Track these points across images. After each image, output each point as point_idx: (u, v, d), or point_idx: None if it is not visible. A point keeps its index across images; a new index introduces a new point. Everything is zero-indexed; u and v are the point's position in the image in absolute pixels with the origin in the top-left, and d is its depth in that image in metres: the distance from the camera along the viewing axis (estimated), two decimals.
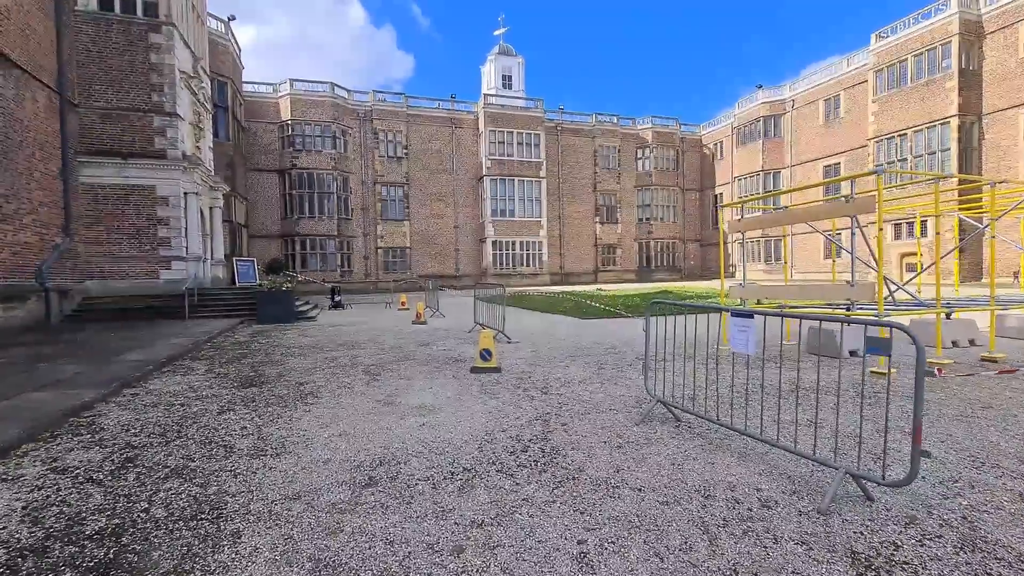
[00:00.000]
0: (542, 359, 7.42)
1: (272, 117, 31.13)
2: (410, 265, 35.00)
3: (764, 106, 35.95)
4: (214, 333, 10.48)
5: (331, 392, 5.51)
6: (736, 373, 5.87)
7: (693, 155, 43.21)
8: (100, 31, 13.98)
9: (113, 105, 14.20)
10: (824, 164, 33.25)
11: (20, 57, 11.10)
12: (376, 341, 9.69)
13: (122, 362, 6.94)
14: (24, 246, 11.12)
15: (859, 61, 30.44)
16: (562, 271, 38.83)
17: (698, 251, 43.98)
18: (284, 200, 31.41)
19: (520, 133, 35.43)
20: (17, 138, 10.99)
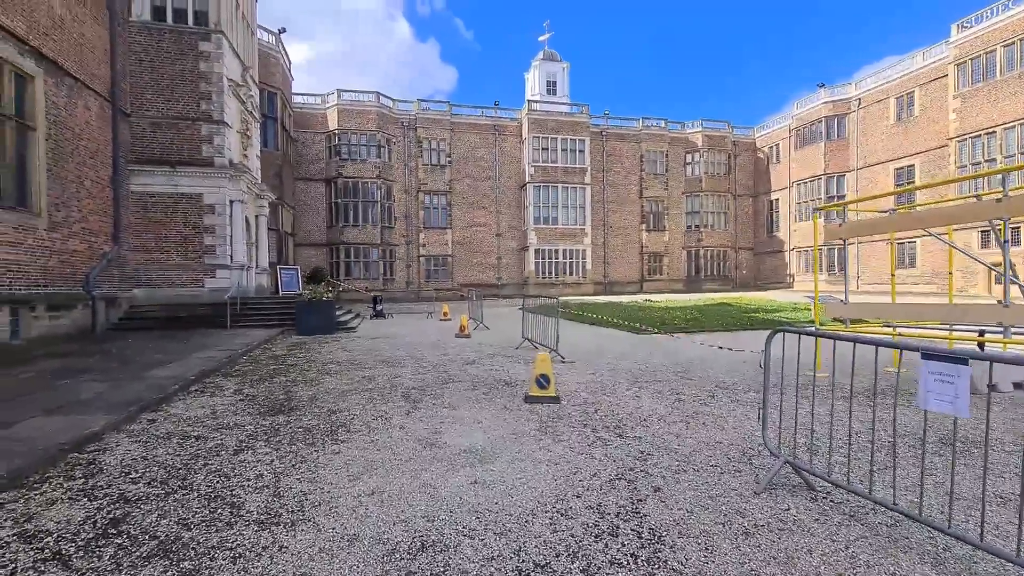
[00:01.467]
0: (604, 385, 6.45)
1: (320, 127, 31.56)
2: (452, 273, 34.60)
3: (826, 106, 33.61)
4: (252, 345, 10.06)
5: (365, 424, 4.75)
6: (858, 412, 4.73)
7: (746, 159, 41.03)
8: (152, 40, 14.13)
9: (163, 114, 14.31)
10: (895, 167, 30.62)
11: (73, 66, 11.16)
12: (417, 358, 8.97)
13: (150, 379, 6.47)
14: (72, 254, 11.11)
15: (937, 54, 27.89)
16: (606, 280, 37.49)
17: (751, 260, 41.60)
18: (330, 209, 31.70)
19: (564, 139, 34.56)
20: (68, 147, 11.03)
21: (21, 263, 9.51)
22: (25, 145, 9.81)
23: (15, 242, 9.35)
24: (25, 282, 9.62)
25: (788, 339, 10.21)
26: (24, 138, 9.78)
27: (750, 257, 41.57)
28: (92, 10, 12.07)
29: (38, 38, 9.96)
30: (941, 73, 27.28)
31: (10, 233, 9.22)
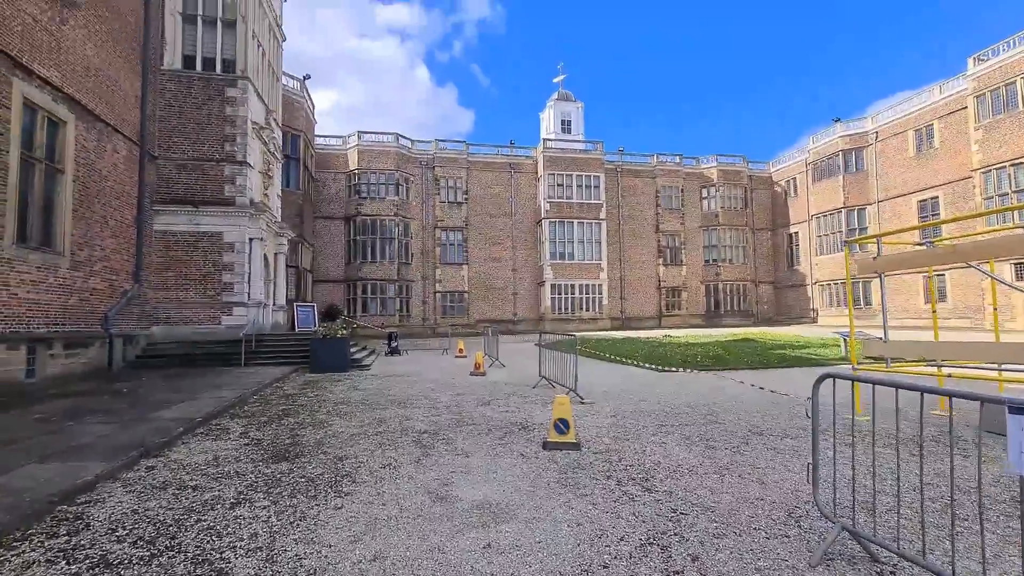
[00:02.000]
0: (628, 429, 6.06)
1: (340, 167, 32.41)
2: (468, 309, 34.47)
3: (843, 139, 33.46)
4: (264, 383, 9.89)
5: (372, 473, 4.44)
6: (909, 463, 4.27)
7: (763, 193, 40.79)
8: (182, 87, 14.71)
9: (189, 156, 14.73)
10: (918, 199, 30.02)
11: (105, 112, 11.60)
12: (431, 397, 8.67)
13: (156, 420, 6.28)
14: (93, 292, 11.23)
15: (954, 87, 27.74)
16: (623, 315, 36.93)
17: (771, 294, 40.71)
18: (348, 246, 32.13)
19: (579, 176, 34.88)
20: (95, 188, 11.33)
21: (41, 302, 9.60)
22: (53, 187, 10.09)
23: (37, 281, 9.47)
24: (44, 320, 9.68)
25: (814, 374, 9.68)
26: (53, 180, 10.07)
27: (771, 291, 40.71)
28: (126, 59, 12.65)
29: (72, 85, 10.39)
30: (960, 105, 27.04)
31: (33, 273, 9.35)
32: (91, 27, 11.17)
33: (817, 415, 2.96)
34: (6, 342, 8.73)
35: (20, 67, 9.00)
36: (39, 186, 9.65)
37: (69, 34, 10.38)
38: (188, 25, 15.05)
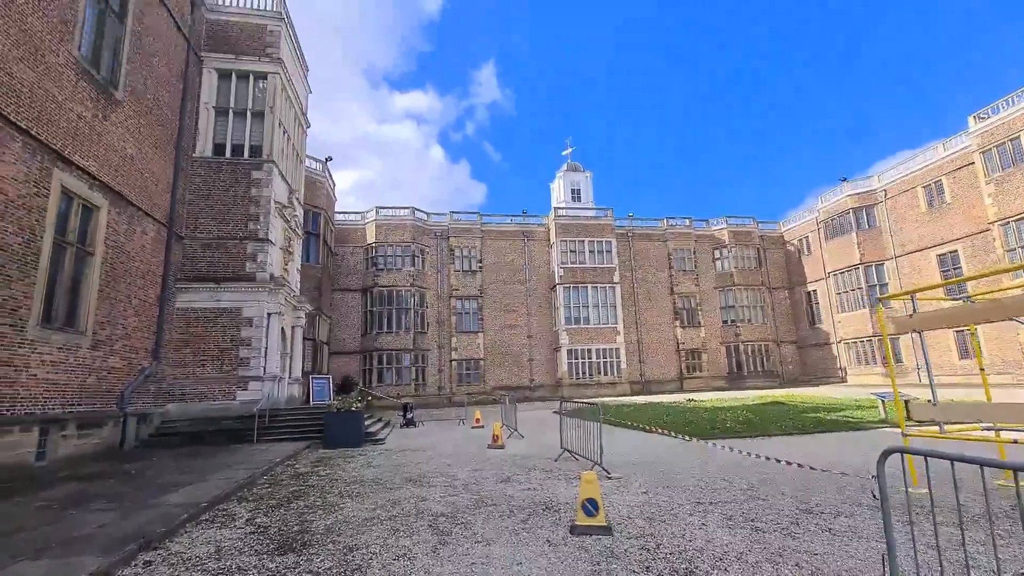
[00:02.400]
0: (661, 508, 5.58)
1: (359, 241, 33.38)
2: (484, 376, 33.89)
3: (852, 198, 33.77)
4: (275, 462, 9.52)
5: (385, 567, 4.06)
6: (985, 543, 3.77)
7: (776, 252, 40.75)
8: (211, 172, 15.54)
9: (214, 235, 15.26)
10: (936, 253, 29.65)
11: (137, 197, 12.21)
12: (447, 474, 8.22)
13: (162, 506, 5.98)
14: (111, 371, 11.24)
15: (957, 144, 28.22)
16: (643, 379, 35.91)
17: (795, 354, 39.47)
18: (365, 317, 32.37)
19: (591, 241, 35.38)
20: (122, 268, 11.68)
21: (60, 382, 9.59)
22: (82, 269, 10.41)
23: (57, 362, 9.52)
24: (61, 401, 9.63)
25: (855, 440, 9.01)
26: (82, 262, 10.41)
27: (794, 351, 39.52)
28: (160, 148, 13.50)
29: (108, 174, 11.02)
30: (967, 161, 27.34)
31: (54, 353, 9.42)
32: (130, 121, 12.03)
33: (887, 496, 2.63)
34: (20, 424, 8.62)
35: (62, 159, 9.60)
36: (68, 268, 9.97)
37: (110, 128, 11.16)
38: (220, 117, 16.17)
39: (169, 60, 13.99)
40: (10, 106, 8.39)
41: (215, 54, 16.15)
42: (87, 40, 10.59)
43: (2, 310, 8.27)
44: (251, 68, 16.42)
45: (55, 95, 9.45)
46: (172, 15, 14.06)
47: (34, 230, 8.95)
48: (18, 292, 8.58)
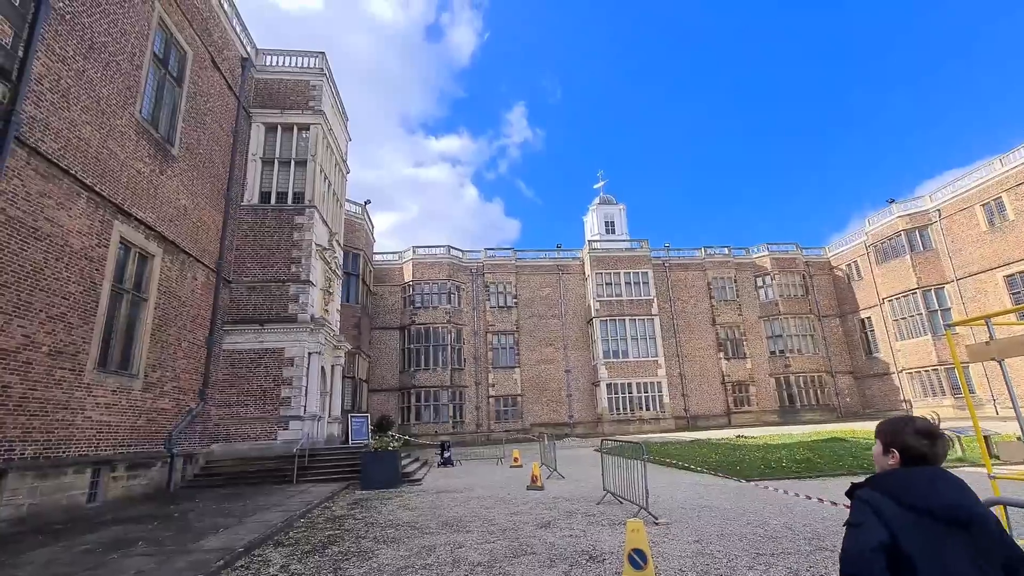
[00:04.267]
0: (717, 560, 5.12)
1: (396, 280, 34.11)
2: (522, 413, 33.29)
3: (903, 219, 32.16)
4: (312, 504, 9.45)
5: None
6: None
7: (823, 279, 38.95)
8: (257, 219, 16.32)
9: (259, 279, 15.87)
10: (1003, 274, 27.59)
11: (189, 245, 12.90)
12: (484, 518, 7.91)
13: (198, 551, 5.96)
14: (160, 412, 11.62)
15: (1016, 159, 26.66)
16: (688, 414, 34.39)
17: (852, 385, 37.01)
18: (403, 354, 32.69)
19: (627, 273, 34.89)
20: (173, 313, 12.24)
21: (112, 424, 9.95)
22: (136, 313, 10.96)
23: (111, 404, 9.91)
24: (112, 443, 9.96)
25: None
26: (137, 307, 10.97)
27: (851, 382, 37.10)
28: (211, 199, 14.33)
29: (163, 224, 11.72)
30: None
31: (108, 396, 9.83)
32: (184, 175, 12.86)
33: None
34: (74, 465, 8.94)
35: (122, 212, 10.28)
36: (124, 313, 10.50)
37: (165, 182, 11.95)
38: (266, 166, 17.11)
39: (220, 117, 15.01)
40: (77, 165, 9.10)
41: (262, 109, 17.24)
42: (147, 103, 11.50)
43: (63, 355, 8.72)
44: (295, 120, 17.42)
45: (117, 153, 10.21)
46: (224, 77, 15.18)
47: (94, 279, 9.51)
48: (78, 338, 9.06)
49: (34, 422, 8.11)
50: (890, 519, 1.52)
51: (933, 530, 1.49)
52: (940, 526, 1.49)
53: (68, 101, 8.94)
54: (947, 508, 1.50)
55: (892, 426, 1.74)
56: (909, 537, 1.48)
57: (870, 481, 1.67)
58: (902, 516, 1.52)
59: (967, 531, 1.48)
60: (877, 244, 33.98)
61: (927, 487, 1.56)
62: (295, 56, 18.20)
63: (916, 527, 1.49)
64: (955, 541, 1.47)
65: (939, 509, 1.50)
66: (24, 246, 7.98)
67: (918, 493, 1.54)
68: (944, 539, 1.47)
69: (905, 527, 1.50)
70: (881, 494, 1.58)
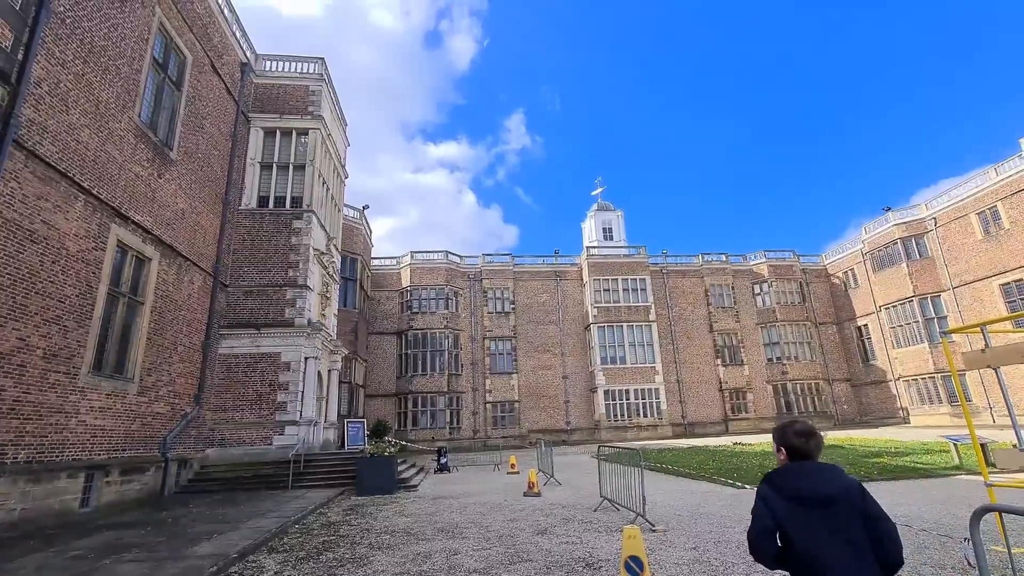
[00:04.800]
0: (714, 567, 5.10)
1: (394, 285, 34.08)
2: (519, 419, 33.19)
3: (899, 227, 32.34)
4: (308, 510, 9.39)
5: None
6: None
7: (820, 286, 39.08)
8: (255, 223, 16.31)
9: (256, 283, 15.83)
10: (999, 283, 27.73)
11: (186, 249, 12.88)
12: (481, 524, 7.87)
13: (191, 558, 5.91)
14: (155, 416, 11.55)
15: (1013, 168, 26.88)
16: (685, 421, 34.35)
17: (849, 393, 37.03)
18: (400, 359, 32.60)
19: (625, 279, 34.94)
20: (170, 317, 12.20)
21: (106, 428, 9.88)
22: (132, 317, 10.91)
23: (105, 408, 9.85)
24: (106, 447, 9.89)
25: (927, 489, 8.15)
26: (133, 311, 10.93)
27: (848, 389, 37.13)
28: (209, 203, 14.32)
29: (160, 228, 11.70)
30: (1023, 185, 25.94)
31: (102, 400, 9.77)
32: (182, 179, 12.86)
33: (986, 565, 2.27)
34: (67, 470, 8.86)
35: (119, 215, 10.27)
36: (120, 317, 10.47)
37: (163, 185, 11.95)
38: (264, 170, 17.12)
39: (219, 121, 15.04)
40: (75, 168, 9.09)
41: (262, 114, 17.28)
42: (146, 106, 11.52)
43: (58, 358, 8.68)
44: (294, 125, 17.46)
45: (116, 157, 10.21)
46: (224, 81, 15.23)
47: (90, 282, 9.48)
48: (73, 341, 9.02)
49: (27, 426, 8.05)
50: (776, 509, 2.04)
51: (802, 512, 1.99)
52: (806, 508, 1.99)
53: (67, 104, 8.96)
54: (811, 493, 2.00)
55: (780, 430, 2.24)
56: (789, 520, 2.01)
57: (766, 478, 2.16)
58: (784, 505, 2.03)
59: (827, 508, 1.97)
60: (873, 252, 34.13)
61: (798, 479, 2.07)
62: (295, 62, 18.28)
63: (793, 512, 2.00)
64: (816, 517, 1.97)
65: (806, 495, 2.01)
66: (20, 249, 7.95)
67: (792, 485, 2.06)
68: (808, 517, 1.97)
69: (786, 513, 2.01)
70: (770, 489, 2.10)
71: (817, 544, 1.93)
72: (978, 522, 2.30)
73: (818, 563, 1.91)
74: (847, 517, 1.94)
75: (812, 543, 1.93)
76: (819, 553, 1.92)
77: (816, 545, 1.93)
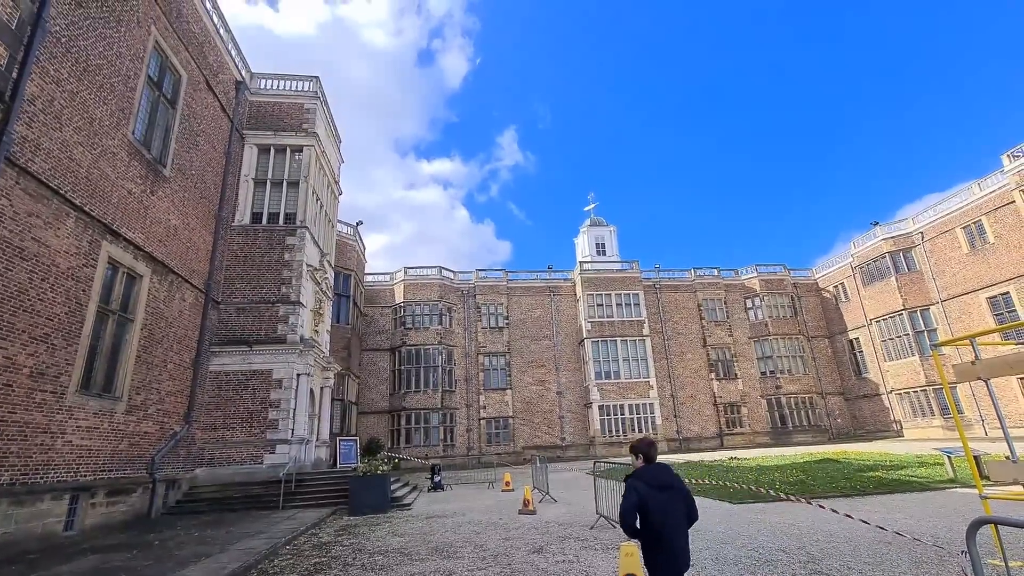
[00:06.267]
0: None
1: (387, 301, 33.93)
2: (513, 435, 32.90)
3: (887, 242, 32.81)
4: (298, 531, 9.21)
5: None
6: None
7: (811, 300, 39.41)
8: (248, 239, 16.26)
9: (249, 299, 15.72)
10: (986, 296, 28.12)
11: (178, 265, 12.80)
12: (476, 544, 7.75)
13: None
14: (144, 436, 11.34)
15: (994, 184, 27.47)
16: (680, 436, 34.20)
17: (843, 406, 37.12)
18: (393, 376, 32.32)
19: (618, 294, 35.05)
20: (160, 334, 12.06)
21: (93, 448, 9.69)
22: (122, 335, 10.78)
23: (92, 427, 9.66)
24: (93, 467, 9.68)
25: (922, 502, 8.14)
26: (123, 328, 10.80)
27: (841, 403, 37.21)
28: (202, 219, 14.28)
29: (152, 244, 11.64)
30: (1006, 200, 26.49)
31: (89, 419, 9.59)
32: (175, 195, 12.85)
33: (983, 575, 2.27)
34: (51, 492, 8.65)
35: (111, 232, 10.21)
36: (109, 334, 10.33)
37: (156, 202, 11.92)
38: (258, 187, 17.13)
39: (214, 138, 15.09)
40: (67, 185, 9.06)
41: (256, 131, 17.36)
42: (140, 124, 11.55)
43: (45, 377, 8.54)
44: (288, 142, 17.54)
45: (108, 174, 10.20)
46: (218, 99, 15.32)
47: (80, 299, 9.38)
48: (61, 359, 8.88)
49: (12, 447, 7.87)
50: (640, 491, 3.36)
51: (655, 492, 3.35)
52: (657, 490, 3.36)
53: (60, 122, 8.96)
54: (659, 482, 3.40)
55: (637, 444, 3.68)
56: (647, 497, 3.32)
57: (633, 474, 3.51)
58: (645, 489, 3.36)
59: (666, 491, 3.38)
60: (863, 266, 34.53)
61: (652, 473, 3.47)
62: (290, 80, 18.44)
63: (650, 492, 3.33)
64: (663, 496, 3.36)
65: (657, 483, 3.39)
66: (9, 266, 7.87)
67: (650, 477, 3.43)
68: (659, 495, 3.34)
69: (647, 493, 3.33)
70: (636, 480, 3.44)
71: (663, 510, 3.34)
72: (974, 535, 2.30)
73: (664, 523, 3.31)
74: (676, 496, 3.41)
75: (661, 510, 3.33)
76: (664, 515, 3.33)
77: (663, 511, 3.33)
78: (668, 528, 3.26)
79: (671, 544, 3.28)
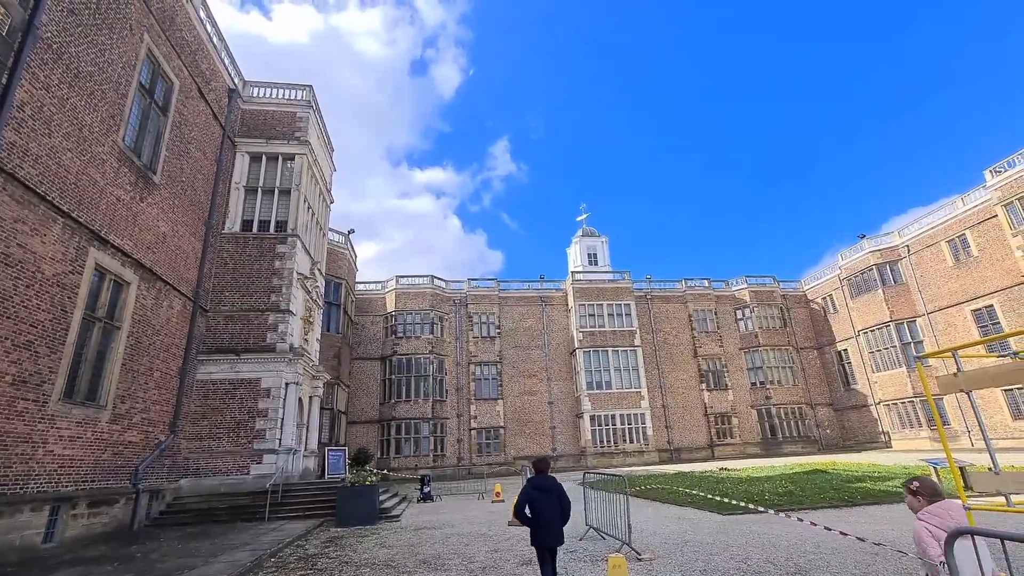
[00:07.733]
0: None
1: (379, 310, 33.78)
2: (504, 446, 32.71)
3: (874, 254, 33.30)
4: (284, 543, 9.07)
5: None
6: None
7: (800, 311, 39.80)
8: (238, 247, 16.16)
9: (238, 308, 15.57)
10: (971, 308, 28.57)
11: (166, 273, 12.69)
12: (464, 555, 7.68)
13: None
14: (127, 445, 11.14)
15: (977, 199, 28.02)
16: (671, 446, 34.21)
17: (832, 417, 37.35)
18: (384, 385, 32.08)
19: (610, 304, 35.17)
20: (147, 342, 11.91)
21: (75, 458, 9.51)
22: (108, 343, 10.64)
23: (75, 437, 9.49)
24: (74, 478, 9.49)
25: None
26: (108, 336, 10.66)
27: (830, 414, 37.45)
28: (191, 227, 14.19)
29: (140, 251, 11.54)
30: (989, 214, 27.01)
31: (72, 428, 9.42)
32: (165, 202, 12.77)
33: None
34: (31, 503, 8.46)
35: (99, 239, 10.12)
36: (94, 342, 10.19)
37: (145, 209, 11.84)
38: (249, 195, 17.06)
39: (205, 146, 15.05)
40: (55, 191, 8.98)
41: (248, 139, 17.32)
42: (131, 131, 11.50)
43: (27, 385, 8.39)
44: (280, 150, 17.52)
45: (97, 180, 10.13)
46: (210, 106, 15.30)
47: (65, 306, 9.26)
48: (44, 367, 8.74)
49: None
50: (530, 493, 5.11)
51: (539, 494, 5.09)
52: (541, 492, 5.11)
53: (50, 128, 8.91)
54: (544, 487, 5.13)
55: (537, 462, 5.46)
56: (535, 498, 5.09)
57: (529, 481, 5.22)
58: (534, 492, 5.11)
59: (548, 493, 5.11)
60: (851, 278, 34.97)
61: (539, 481, 5.19)
62: (282, 88, 18.46)
63: (537, 494, 5.09)
64: (545, 496, 5.10)
65: (542, 487, 5.13)
66: None
67: (537, 483, 5.16)
68: (542, 496, 5.08)
69: (535, 494, 5.09)
70: (529, 485, 5.17)
71: (543, 507, 4.96)
72: (952, 544, 2.34)
73: (543, 514, 4.95)
74: (554, 497, 5.02)
75: (541, 506, 4.97)
76: (543, 511, 4.95)
77: (542, 508, 4.96)
78: (545, 516, 4.93)
79: (548, 527, 4.90)
